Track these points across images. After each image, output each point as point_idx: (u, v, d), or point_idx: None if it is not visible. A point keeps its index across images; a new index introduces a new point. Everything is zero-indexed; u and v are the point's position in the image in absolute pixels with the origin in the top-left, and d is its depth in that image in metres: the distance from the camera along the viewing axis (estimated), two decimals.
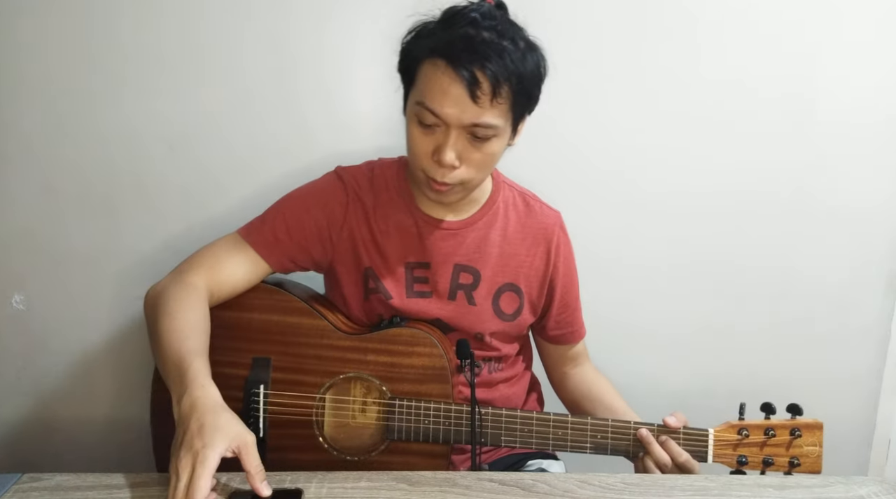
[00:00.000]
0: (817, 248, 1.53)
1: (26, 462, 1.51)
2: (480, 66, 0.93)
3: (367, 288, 1.14)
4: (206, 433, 0.80)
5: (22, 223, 1.41)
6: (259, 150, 1.40)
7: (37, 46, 1.34)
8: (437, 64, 0.95)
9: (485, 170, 1.04)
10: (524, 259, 1.16)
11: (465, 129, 0.97)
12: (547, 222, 1.18)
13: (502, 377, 1.20)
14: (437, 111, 0.96)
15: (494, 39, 0.95)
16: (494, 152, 1.02)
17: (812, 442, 1.04)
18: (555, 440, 1.06)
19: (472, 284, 1.14)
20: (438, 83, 0.95)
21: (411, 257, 1.14)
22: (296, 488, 0.86)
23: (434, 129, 0.99)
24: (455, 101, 0.95)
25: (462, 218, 1.14)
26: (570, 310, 1.23)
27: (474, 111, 0.95)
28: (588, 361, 1.29)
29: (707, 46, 1.41)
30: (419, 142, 1.01)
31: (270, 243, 1.12)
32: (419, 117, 0.99)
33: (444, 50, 0.95)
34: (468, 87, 0.93)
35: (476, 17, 0.96)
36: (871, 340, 1.59)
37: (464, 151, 0.99)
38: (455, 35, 0.95)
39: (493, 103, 0.95)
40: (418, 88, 0.99)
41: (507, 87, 0.95)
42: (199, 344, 0.96)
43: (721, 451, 1.05)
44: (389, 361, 1.09)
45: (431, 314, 1.14)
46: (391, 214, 1.13)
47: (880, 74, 1.45)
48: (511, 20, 1.00)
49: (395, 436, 1.08)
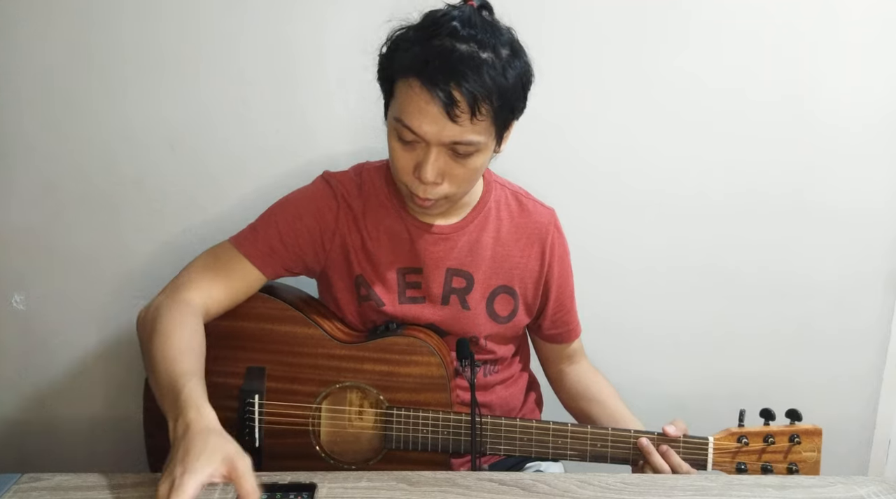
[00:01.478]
0: (817, 248, 1.53)
1: (26, 462, 1.51)
2: (457, 84, 0.90)
3: (360, 295, 1.13)
4: (190, 459, 0.75)
5: (22, 223, 1.41)
6: (260, 150, 1.40)
7: (37, 47, 1.33)
8: (413, 83, 0.92)
9: (468, 183, 1.03)
10: (518, 260, 1.15)
11: (446, 146, 0.96)
12: (541, 221, 1.16)
13: (499, 379, 1.19)
14: (415, 130, 0.94)
15: (474, 52, 0.91)
16: (478, 167, 1.00)
17: (811, 448, 1.04)
18: (554, 449, 1.06)
19: (466, 288, 1.13)
20: (415, 102, 0.92)
21: (403, 263, 1.12)
22: (310, 482, 0.86)
23: (414, 145, 0.97)
24: (433, 121, 0.92)
25: (453, 222, 1.12)
26: (566, 309, 1.22)
27: (454, 130, 0.93)
28: (584, 359, 1.29)
29: (706, 48, 1.41)
30: (400, 157, 0.99)
31: (266, 254, 1.10)
32: (398, 133, 0.97)
33: (419, 69, 0.91)
34: (445, 108, 0.91)
35: (455, 28, 0.92)
36: (871, 341, 1.59)
37: (446, 167, 0.97)
38: (431, 50, 0.91)
39: (473, 121, 0.93)
40: (396, 104, 0.96)
41: (487, 105, 0.92)
42: (193, 365, 0.92)
43: (720, 459, 1.06)
44: (386, 370, 1.08)
45: (425, 320, 1.12)
46: (381, 219, 1.12)
47: (879, 72, 1.44)
48: (494, 23, 0.97)
49: (392, 445, 1.07)
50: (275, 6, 1.34)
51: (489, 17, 0.98)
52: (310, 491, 0.85)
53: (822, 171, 1.49)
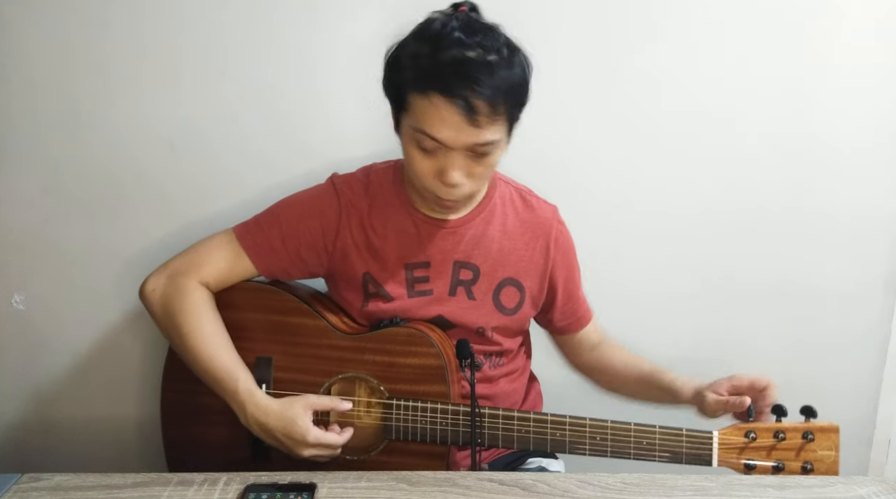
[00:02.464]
0: (817, 249, 1.53)
1: (26, 462, 1.51)
2: (473, 90, 0.93)
3: (368, 292, 1.15)
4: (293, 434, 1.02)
5: (22, 223, 1.41)
6: (259, 150, 1.40)
7: (37, 47, 1.33)
8: (431, 95, 0.95)
9: (487, 179, 1.08)
10: (523, 254, 1.17)
11: (467, 148, 0.98)
12: (545, 217, 1.19)
13: (503, 372, 1.20)
14: (438, 138, 0.97)
15: (482, 57, 0.94)
16: (495, 162, 1.04)
17: (827, 446, 0.99)
18: (552, 441, 1.06)
19: (472, 279, 1.15)
20: (436, 112, 0.95)
21: (411, 258, 1.14)
22: (310, 482, 0.87)
23: (435, 151, 1.00)
24: (454, 127, 0.96)
25: (460, 215, 1.15)
26: (574, 299, 1.24)
27: (474, 133, 0.96)
28: (604, 340, 1.29)
29: (705, 49, 1.41)
30: (421, 164, 1.02)
31: (265, 251, 1.14)
32: (419, 143, 1.00)
33: (435, 82, 0.94)
34: (466, 114, 0.94)
35: (460, 37, 0.95)
36: (872, 341, 1.59)
37: (467, 167, 1.01)
38: (442, 62, 0.94)
39: (491, 122, 0.97)
40: (413, 116, 0.99)
41: (503, 104, 0.97)
42: (229, 353, 1.09)
43: (726, 455, 1.01)
44: (387, 360, 1.10)
45: (433, 312, 1.14)
46: (389, 217, 1.14)
47: (879, 76, 1.44)
48: (488, 25, 1.00)
49: (393, 436, 1.09)
50: (275, 6, 1.34)
51: (481, 18, 1.01)
52: (310, 491, 0.85)
53: (824, 171, 1.49)
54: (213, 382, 1.07)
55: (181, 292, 1.11)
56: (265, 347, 1.14)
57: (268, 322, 1.15)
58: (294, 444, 1.03)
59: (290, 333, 1.14)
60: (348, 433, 1.07)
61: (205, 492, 0.86)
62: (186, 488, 0.86)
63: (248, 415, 1.04)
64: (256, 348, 1.14)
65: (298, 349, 1.13)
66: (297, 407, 1.04)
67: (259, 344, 1.14)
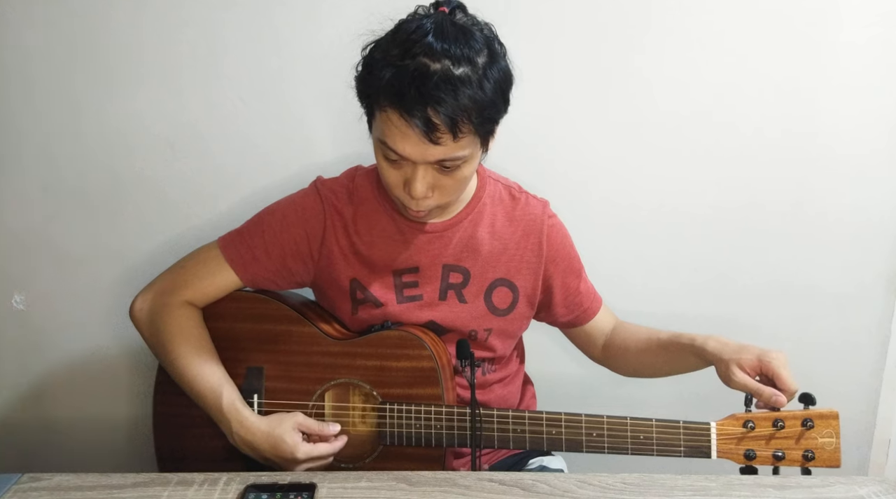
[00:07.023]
0: (817, 249, 1.53)
1: (26, 462, 1.51)
2: (434, 109, 0.89)
3: (356, 299, 1.13)
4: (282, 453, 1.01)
5: (22, 223, 1.41)
6: (259, 150, 1.40)
7: (37, 47, 1.34)
8: (390, 111, 0.92)
9: (459, 192, 1.04)
10: (514, 253, 1.15)
11: (433, 162, 0.96)
12: (534, 213, 1.16)
13: (497, 378, 1.19)
14: (399, 152, 0.95)
15: (448, 71, 0.90)
16: (466, 176, 1.00)
17: (827, 433, 0.96)
18: (549, 439, 1.05)
19: (462, 282, 1.13)
20: (396, 127, 0.93)
21: (399, 264, 1.12)
22: (310, 482, 0.87)
23: (401, 163, 0.98)
24: (415, 144, 0.93)
25: (446, 219, 1.12)
26: (576, 291, 1.21)
27: (437, 150, 0.93)
28: (615, 327, 1.26)
29: (705, 49, 1.41)
30: (389, 174, 1.00)
31: (248, 262, 1.13)
32: (384, 153, 0.98)
33: (393, 98, 0.91)
34: (425, 132, 0.91)
35: (429, 44, 0.90)
36: (872, 341, 1.59)
37: (434, 180, 0.99)
38: (404, 76, 0.90)
39: (455, 140, 0.93)
40: (378, 127, 0.97)
41: (467, 123, 0.92)
42: (213, 371, 1.08)
43: (725, 446, 0.99)
44: (379, 365, 1.08)
45: (424, 317, 1.13)
46: (374, 223, 1.12)
47: (879, 76, 1.44)
48: (468, 28, 0.94)
49: (387, 441, 1.07)
50: (276, 6, 1.34)
51: (463, 18, 0.97)
52: (310, 491, 0.85)
53: (824, 171, 1.49)
54: (199, 400, 1.07)
55: (166, 312, 1.11)
56: (256, 356, 1.13)
57: (258, 331, 1.13)
58: (284, 462, 1.02)
59: (281, 342, 1.12)
60: (341, 442, 1.06)
61: (205, 492, 0.86)
62: (186, 488, 0.87)
63: (234, 434, 1.04)
64: (247, 358, 1.13)
65: (290, 357, 1.11)
66: (286, 425, 1.03)
67: (250, 354, 1.13)
